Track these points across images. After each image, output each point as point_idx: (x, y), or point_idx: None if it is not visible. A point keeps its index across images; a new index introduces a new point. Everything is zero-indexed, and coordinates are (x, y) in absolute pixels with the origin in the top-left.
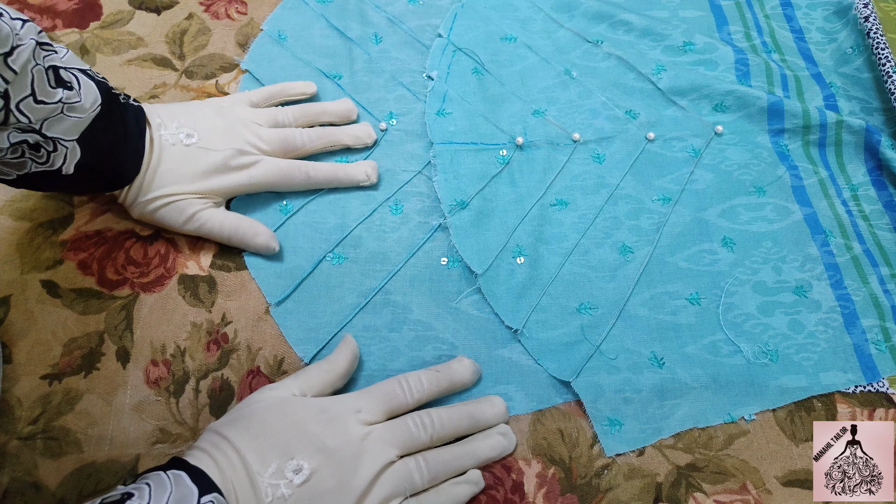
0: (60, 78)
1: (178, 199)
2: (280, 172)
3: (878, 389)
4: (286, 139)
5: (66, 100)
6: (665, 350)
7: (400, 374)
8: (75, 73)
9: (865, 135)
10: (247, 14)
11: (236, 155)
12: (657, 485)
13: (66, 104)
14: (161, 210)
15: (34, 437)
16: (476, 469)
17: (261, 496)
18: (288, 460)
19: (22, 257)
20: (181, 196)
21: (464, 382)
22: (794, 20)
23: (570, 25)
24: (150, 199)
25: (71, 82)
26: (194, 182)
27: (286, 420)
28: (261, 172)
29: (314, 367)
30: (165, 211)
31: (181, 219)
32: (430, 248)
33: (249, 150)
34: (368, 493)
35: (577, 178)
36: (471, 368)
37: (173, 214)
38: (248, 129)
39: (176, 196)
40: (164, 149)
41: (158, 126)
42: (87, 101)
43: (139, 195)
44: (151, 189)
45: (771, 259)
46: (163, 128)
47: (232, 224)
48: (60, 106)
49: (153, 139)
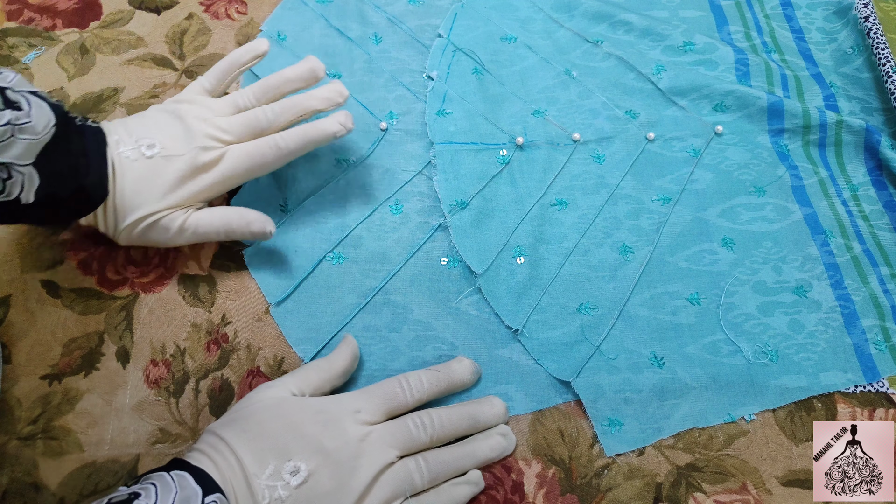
0: (7, 99)
1: (160, 217)
2: (250, 156)
3: (879, 389)
4: (249, 122)
5: (15, 121)
6: (665, 350)
7: (400, 373)
8: (24, 95)
9: (865, 135)
10: (247, 14)
11: (200, 153)
12: (657, 485)
13: (15, 125)
14: (146, 232)
15: (34, 438)
16: (476, 469)
17: (257, 498)
18: (285, 462)
19: (22, 257)
20: (160, 213)
21: (464, 382)
22: (794, 20)
23: (570, 25)
24: (132, 224)
25: (19, 103)
26: (167, 195)
27: (283, 421)
28: (230, 164)
29: (313, 365)
30: (151, 231)
31: (169, 234)
32: (430, 248)
33: (213, 144)
34: (368, 494)
35: (577, 178)
36: (471, 368)
37: (159, 232)
38: (207, 124)
39: (155, 214)
40: (127, 167)
41: (117, 143)
42: (39, 122)
43: (118, 222)
44: (128, 213)
45: (771, 259)
46: (121, 144)
47: (221, 220)
48: (10, 128)
49: (113, 159)
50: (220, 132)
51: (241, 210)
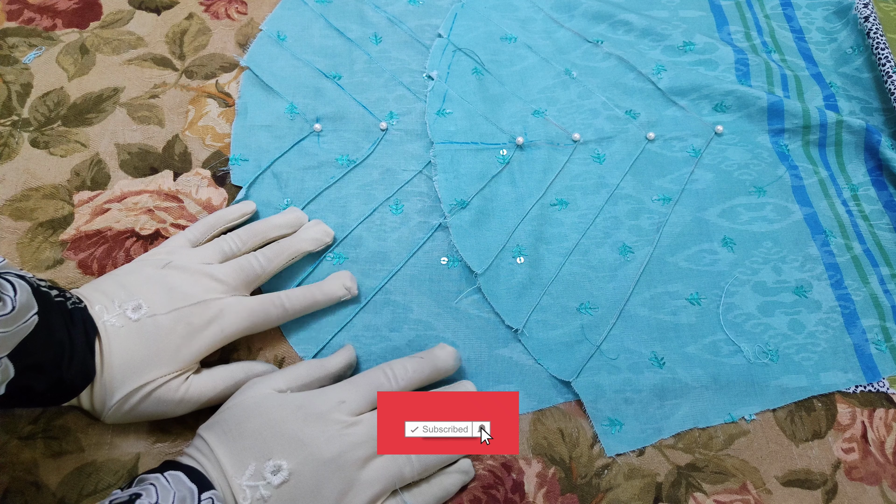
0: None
1: (155, 387)
2: (253, 313)
3: (879, 389)
4: (243, 269)
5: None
6: (665, 350)
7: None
8: (10, 279)
9: (865, 135)
10: (247, 14)
11: (195, 310)
12: (657, 485)
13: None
14: (139, 406)
15: (35, 437)
16: (466, 459)
17: (238, 499)
18: (266, 461)
19: (22, 257)
20: (155, 382)
21: (447, 369)
22: (794, 20)
23: (570, 25)
24: (122, 399)
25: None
26: (161, 361)
27: (263, 420)
28: (231, 320)
29: (306, 363)
30: (145, 405)
31: (167, 406)
32: (431, 248)
33: (208, 297)
34: (357, 487)
35: (577, 177)
36: (453, 355)
37: (155, 405)
38: (199, 274)
39: (149, 385)
40: (113, 335)
41: (100, 312)
42: (20, 312)
43: (107, 399)
44: (116, 388)
45: (771, 259)
46: (105, 312)
47: (226, 382)
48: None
49: (98, 330)
50: (215, 281)
51: (245, 366)
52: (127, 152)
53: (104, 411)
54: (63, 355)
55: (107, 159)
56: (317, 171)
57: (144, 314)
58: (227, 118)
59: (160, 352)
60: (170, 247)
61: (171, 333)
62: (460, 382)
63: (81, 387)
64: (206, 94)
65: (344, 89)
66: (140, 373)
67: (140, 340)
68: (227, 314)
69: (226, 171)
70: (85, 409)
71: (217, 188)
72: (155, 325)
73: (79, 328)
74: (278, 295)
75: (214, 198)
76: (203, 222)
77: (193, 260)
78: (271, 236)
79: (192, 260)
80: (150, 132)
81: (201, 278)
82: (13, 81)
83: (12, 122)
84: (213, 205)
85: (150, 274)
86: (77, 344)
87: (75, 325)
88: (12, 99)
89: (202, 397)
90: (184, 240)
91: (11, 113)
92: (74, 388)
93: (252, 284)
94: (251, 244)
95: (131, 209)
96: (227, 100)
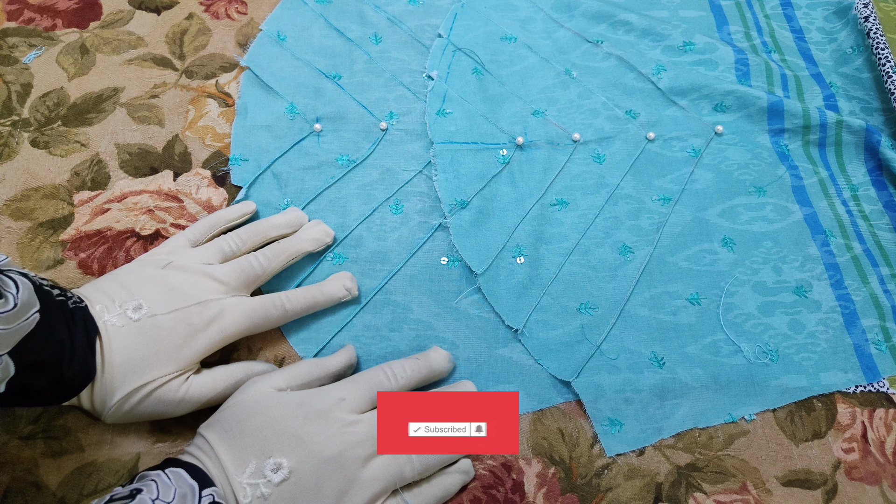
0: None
1: (155, 386)
2: (253, 314)
3: (879, 389)
4: (243, 269)
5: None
6: (665, 350)
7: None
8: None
9: (865, 135)
10: (247, 14)
11: (195, 310)
12: (657, 485)
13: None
14: (139, 406)
15: (35, 437)
16: (466, 459)
17: (239, 497)
18: (266, 459)
19: (22, 257)
20: (155, 382)
21: (441, 370)
22: (794, 20)
23: (570, 25)
24: (123, 398)
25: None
26: (162, 361)
27: (263, 418)
28: (231, 321)
29: (306, 361)
30: (145, 405)
31: (167, 406)
32: (431, 248)
33: (209, 297)
34: (357, 486)
35: (577, 177)
36: (446, 357)
37: (155, 405)
38: (200, 274)
39: (149, 384)
40: (113, 335)
41: (101, 312)
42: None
43: (107, 398)
44: (117, 387)
45: (771, 259)
46: (105, 312)
47: (226, 382)
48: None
49: (99, 329)
50: (215, 281)
51: (245, 366)
52: (127, 152)
53: (104, 411)
54: (63, 354)
55: (107, 159)
56: (317, 171)
57: (145, 314)
58: (227, 118)
59: (160, 352)
60: (170, 247)
61: (171, 333)
62: (460, 382)
63: (81, 386)
64: (206, 94)
65: (344, 89)
66: (140, 373)
67: (140, 340)
68: (227, 315)
69: (226, 171)
70: (85, 408)
71: (217, 188)
72: (155, 325)
73: (80, 327)
74: (278, 296)
75: (214, 198)
76: (203, 222)
77: (194, 260)
78: (271, 236)
79: (192, 260)
80: (150, 132)
81: (202, 279)
82: (13, 81)
83: (12, 122)
84: (213, 205)
85: (150, 274)
86: (78, 343)
87: (76, 325)
88: (12, 99)
89: (202, 397)
90: (184, 240)
91: (11, 113)
92: (74, 388)
93: (252, 285)
94: (251, 244)
95: (131, 209)
96: (227, 100)
